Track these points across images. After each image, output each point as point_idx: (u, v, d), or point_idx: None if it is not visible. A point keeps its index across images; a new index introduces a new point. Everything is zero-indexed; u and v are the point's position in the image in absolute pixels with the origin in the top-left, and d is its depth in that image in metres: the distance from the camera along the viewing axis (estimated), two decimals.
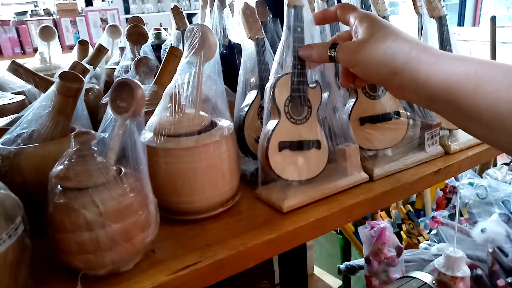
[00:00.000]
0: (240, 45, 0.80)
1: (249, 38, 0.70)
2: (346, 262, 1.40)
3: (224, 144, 0.57)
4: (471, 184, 1.85)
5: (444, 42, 0.78)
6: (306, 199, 0.61)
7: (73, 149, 0.45)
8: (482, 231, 1.42)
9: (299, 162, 0.62)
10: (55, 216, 0.44)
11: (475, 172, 2.09)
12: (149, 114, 0.60)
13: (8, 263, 0.41)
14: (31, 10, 3.60)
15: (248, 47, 0.71)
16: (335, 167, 0.67)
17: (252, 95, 0.70)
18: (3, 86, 0.96)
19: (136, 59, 0.86)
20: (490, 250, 1.46)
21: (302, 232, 0.57)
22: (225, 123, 0.60)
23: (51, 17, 3.40)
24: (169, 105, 0.57)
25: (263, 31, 0.70)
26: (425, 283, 1.07)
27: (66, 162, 0.45)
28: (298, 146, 0.62)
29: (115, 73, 1.02)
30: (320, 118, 0.66)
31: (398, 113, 0.71)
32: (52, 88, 0.53)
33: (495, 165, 2.28)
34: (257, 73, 0.71)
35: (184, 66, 0.57)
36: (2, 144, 0.53)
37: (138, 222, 0.46)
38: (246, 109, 0.69)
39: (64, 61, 1.16)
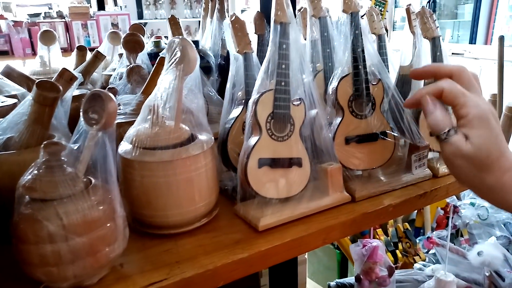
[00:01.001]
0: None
1: (237, 52, 0.69)
2: (336, 280, 1.38)
3: (201, 158, 0.56)
4: (472, 204, 1.82)
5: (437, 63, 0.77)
6: (284, 218, 0.60)
7: (42, 160, 0.45)
8: (479, 254, 1.39)
9: (279, 179, 0.61)
10: (19, 226, 0.43)
11: None
12: (132, 124, 0.60)
13: None
14: (45, 12, 3.65)
15: (236, 61, 0.70)
16: (317, 186, 0.66)
17: (238, 109, 0.70)
18: None
19: (128, 67, 0.86)
20: (487, 274, 1.43)
21: (276, 252, 0.56)
22: (204, 137, 0.59)
23: (63, 20, 3.44)
24: (148, 117, 0.57)
25: (252, 46, 0.70)
26: None
27: (34, 172, 0.45)
28: (279, 163, 0.61)
29: (111, 79, 1.02)
30: (304, 135, 0.65)
31: (385, 134, 0.70)
32: (29, 96, 0.53)
33: None
34: (244, 88, 0.70)
35: (165, 79, 0.56)
36: None
37: (103, 236, 0.46)
38: (231, 123, 0.69)
39: (64, 65, 1.17)
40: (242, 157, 0.61)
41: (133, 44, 0.97)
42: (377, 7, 5.09)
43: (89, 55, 1.10)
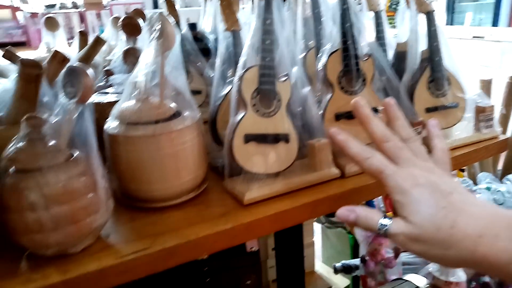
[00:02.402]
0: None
1: (225, 30, 0.69)
2: (342, 261, 1.38)
3: (186, 133, 0.57)
4: (488, 189, 1.79)
5: (432, 39, 0.76)
6: (269, 193, 0.60)
7: (24, 133, 0.46)
8: None
9: (265, 155, 0.62)
10: (3, 196, 0.45)
11: (496, 176, 2.01)
12: None
13: None
14: (60, 3, 3.72)
15: (225, 39, 0.71)
16: (307, 162, 0.66)
17: (228, 87, 0.70)
18: (4, 73, 0.99)
19: (124, 49, 0.87)
20: None
21: (259, 224, 0.56)
22: (190, 113, 0.60)
23: (78, 10, 3.50)
24: (133, 93, 0.58)
25: (240, 23, 0.70)
26: (418, 286, 1.05)
27: (17, 145, 0.46)
28: (265, 139, 0.62)
29: (111, 63, 1.03)
30: (295, 113, 0.65)
31: (376, 110, 0.69)
32: (15, 73, 0.54)
33: None
34: (233, 66, 0.70)
35: (146, 55, 0.57)
36: None
37: (84, 207, 0.47)
38: (220, 100, 0.69)
39: (68, 50, 1.19)
40: (228, 133, 0.61)
41: (131, 27, 0.98)
42: None
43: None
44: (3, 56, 0.85)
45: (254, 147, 0.61)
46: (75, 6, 3.60)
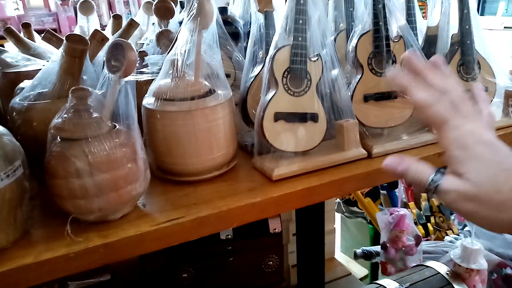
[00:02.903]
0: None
1: (258, 11, 0.71)
2: (363, 247, 1.39)
3: (219, 110, 0.59)
4: None
5: (464, 22, 0.75)
6: (297, 170, 0.62)
7: (70, 104, 0.49)
8: None
9: (294, 133, 0.63)
10: (50, 163, 0.48)
11: None
12: None
13: (6, 200, 0.46)
14: None
15: (257, 20, 0.72)
16: (334, 142, 0.67)
17: (258, 67, 0.72)
18: (43, 55, 1.03)
19: (157, 32, 0.90)
20: None
21: (287, 199, 0.58)
22: (223, 91, 0.62)
23: None
24: (169, 71, 0.60)
25: (273, 5, 0.71)
26: (438, 272, 1.05)
27: (64, 115, 0.49)
28: (294, 117, 0.63)
29: (143, 46, 1.06)
30: (323, 92, 0.67)
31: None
32: (60, 49, 0.57)
33: None
34: (264, 47, 0.72)
35: (183, 33, 0.59)
36: (19, 100, 0.58)
37: (125, 175, 0.50)
38: (250, 81, 0.71)
39: None
40: (259, 110, 0.63)
41: (163, 10, 1.00)
42: None
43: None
44: (43, 37, 0.89)
45: (283, 125, 0.63)
46: None
